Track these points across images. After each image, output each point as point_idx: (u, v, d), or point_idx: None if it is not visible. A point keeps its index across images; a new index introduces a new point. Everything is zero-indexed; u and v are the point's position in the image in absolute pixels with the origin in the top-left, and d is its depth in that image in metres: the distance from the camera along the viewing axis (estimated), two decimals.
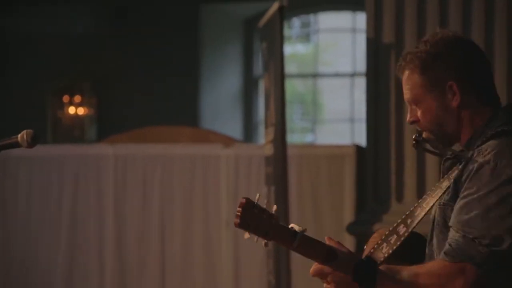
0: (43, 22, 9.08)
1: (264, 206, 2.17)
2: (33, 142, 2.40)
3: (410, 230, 2.28)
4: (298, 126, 10.22)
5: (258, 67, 9.32)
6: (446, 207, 2.24)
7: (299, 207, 6.07)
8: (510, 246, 2.11)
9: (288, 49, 9.44)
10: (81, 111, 9.21)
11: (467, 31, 5.01)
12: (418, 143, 2.36)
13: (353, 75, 9.55)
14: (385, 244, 2.28)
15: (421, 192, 5.12)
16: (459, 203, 2.18)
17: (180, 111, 8.89)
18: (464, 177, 2.19)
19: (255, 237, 2.17)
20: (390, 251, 2.26)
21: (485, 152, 2.18)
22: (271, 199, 5.52)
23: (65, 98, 9.20)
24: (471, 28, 5.04)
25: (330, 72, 9.83)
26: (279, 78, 5.29)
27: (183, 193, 6.27)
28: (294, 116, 10.04)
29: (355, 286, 2.18)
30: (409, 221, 2.30)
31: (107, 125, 8.85)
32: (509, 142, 2.19)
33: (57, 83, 9.10)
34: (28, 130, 2.40)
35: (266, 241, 2.17)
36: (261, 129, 8.92)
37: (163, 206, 6.29)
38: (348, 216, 5.97)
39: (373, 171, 5.25)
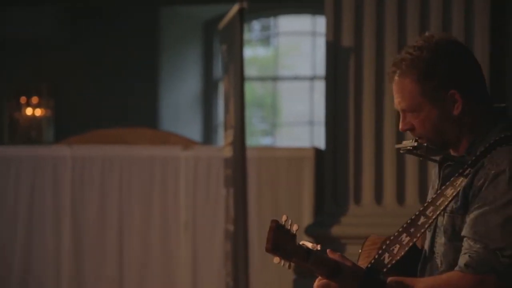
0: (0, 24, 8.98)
1: (289, 227, 2.12)
2: None
3: (415, 239, 2.22)
4: (258, 129, 10.24)
5: (218, 69, 9.32)
6: (455, 215, 2.19)
7: (258, 209, 6.07)
8: None
9: (248, 52, 9.45)
10: (38, 112, 9.13)
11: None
12: (412, 151, 2.28)
13: (312, 78, 9.59)
14: (387, 254, 2.23)
15: (378, 194, 5.16)
16: (473, 213, 2.14)
17: (140, 113, 8.86)
18: (476, 185, 2.15)
19: (283, 261, 2.11)
20: (394, 261, 2.21)
21: (498, 161, 2.14)
22: (230, 202, 5.51)
23: (22, 99, 9.10)
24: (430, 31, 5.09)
25: (289, 75, 9.87)
26: (239, 80, 5.29)
27: (142, 195, 6.24)
28: (253, 119, 10.05)
29: None
30: (412, 230, 2.23)
31: (65, 126, 8.78)
32: None
33: (14, 85, 9.01)
34: None
35: (289, 263, 2.12)
36: (221, 131, 8.92)
37: (121, 208, 6.25)
38: (307, 218, 5.99)
39: (331, 173, 5.27)
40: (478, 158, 2.18)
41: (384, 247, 2.24)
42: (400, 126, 2.27)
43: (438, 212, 2.21)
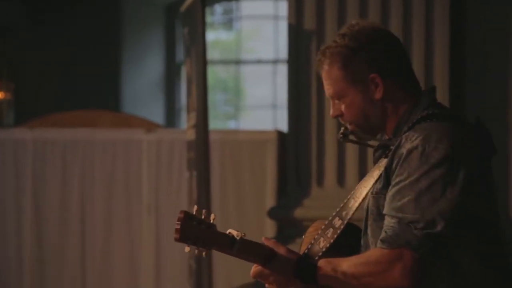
0: None
1: (203, 216, 2.17)
2: None
3: (345, 222, 2.29)
4: (221, 112, 10.23)
5: (180, 52, 9.28)
6: (379, 196, 2.26)
7: (221, 192, 6.09)
8: (443, 228, 2.14)
9: (211, 35, 9.42)
10: None
11: (386, 19, 5.09)
12: (345, 136, 2.37)
13: (275, 62, 9.60)
14: (322, 239, 2.30)
15: (341, 177, 5.20)
16: (391, 190, 2.20)
17: (101, 96, 8.80)
18: (394, 164, 2.21)
19: (195, 249, 2.18)
20: (328, 245, 2.28)
21: (412, 138, 2.19)
22: (193, 185, 5.52)
23: None
24: (390, 16, 5.13)
25: (252, 59, 9.86)
26: (201, 64, 5.28)
27: (105, 178, 6.22)
28: (216, 103, 10.04)
29: (296, 284, 2.20)
30: (344, 213, 2.31)
31: (25, 110, 8.70)
32: (434, 126, 2.22)
33: None
34: None
35: (206, 250, 2.18)
36: (183, 115, 8.90)
37: (83, 192, 6.22)
38: (270, 201, 6.02)
39: (294, 156, 5.30)
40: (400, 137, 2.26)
41: (319, 231, 2.31)
42: (331, 113, 2.35)
43: (364, 194, 2.29)
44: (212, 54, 9.23)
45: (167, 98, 9.55)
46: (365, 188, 2.31)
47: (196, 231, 2.16)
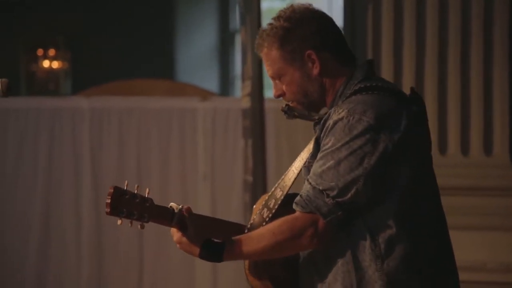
0: None
1: (136, 191, 2.30)
2: (7, 91, 2.37)
3: (285, 193, 2.39)
4: None
5: (234, 20, 9.27)
6: (310, 165, 2.33)
7: (276, 160, 6.09)
8: (354, 197, 2.21)
9: (265, 3, 9.38)
10: (55, 64, 9.14)
11: (445, 2, 5.01)
12: (287, 113, 2.46)
13: None
14: (265, 209, 2.39)
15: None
16: (316, 159, 2.29)
17: (156, 65, 8.85)
18: (322, 135, 2.30)
19: (130, 222, 2.30)
20: (270, 215, 2.36)
21: (339, 110, 2.28)
22: (248, 153, 5.53)
23: (39, 52, 9.11)
24: (448, 5, 5.05)
25: None
26: (256, 32, 5.27)
27: (160, 146, 6.27)
28: None
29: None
30: (284, 185, 2.41)
31: (82, 79, 8.79)
32: (362, 98, 2.28)
33: (30, 37, 9.01)
34: (3, 79, 2.37)
35: (141, 223, 2.30)
36: (237, 84, 8.90)
37: (139, 159, 6.28)
38: None
39: None
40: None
41: (264, 202, 2.41)
42: (273, 93, 2.45)
43: (301, 165, 2.41)
44: (266, 22, 9.19)
45: (221, 66, 9.56)
46: (302, 160, 2.42)
47: (130, 204, 2.28)
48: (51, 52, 9.11)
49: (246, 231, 2.38)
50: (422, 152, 2.33)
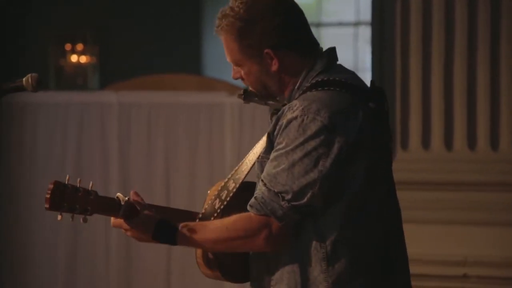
0: None
1: (78, 185, 2.28)
2: (38, 86, 2.40)
3: (237, 185, 2.37)
4: None
5: None
6: (263, 160, 2.31)
7: None
8: (309, 200, 2.18)
9: None
10: (83, 59, 9.19)
11: None
12: (245, 96, 2.42)
13: (357, 24, 9.50)
14: (217, 200, 2.37)
15: (426, 138, 5.14)
16: (270, 158, 2.25)
17: (184, 60, 8.87)
18: (275, 132, 2.25)
19: (71, 216, 2.28)
20: (222, 207, 2.36)
21: (294, 107, 2.23)
22: None
23: (67, 46, 9.16)
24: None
25: (333, 22, 9.78)
26: None
27: (188, 141, 6.29)
28: None
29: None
30: (237, 177, 2.39)
31: (110, 73, 8.83)
32: (317, 95, 2.23)
33: (58, 31, 9.06)
34: (33, 74, 2.40)
35: (84, 216, 2.28)
36: None
37: (167, 153, 6.31)
38: None
39: None
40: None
41: (216, 193, 2.40)
42: (232, 75, 2.39)
43: (254, 159, 2.37)
44: None
45: None
46: (255, 153, 2.37)
47: (71, 198, 2.26)
48: (79, 46, 9.15)
49: (197, 220, 2.37)
50: (377, 151, 2.27)
